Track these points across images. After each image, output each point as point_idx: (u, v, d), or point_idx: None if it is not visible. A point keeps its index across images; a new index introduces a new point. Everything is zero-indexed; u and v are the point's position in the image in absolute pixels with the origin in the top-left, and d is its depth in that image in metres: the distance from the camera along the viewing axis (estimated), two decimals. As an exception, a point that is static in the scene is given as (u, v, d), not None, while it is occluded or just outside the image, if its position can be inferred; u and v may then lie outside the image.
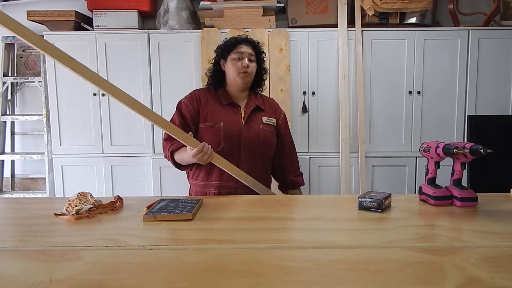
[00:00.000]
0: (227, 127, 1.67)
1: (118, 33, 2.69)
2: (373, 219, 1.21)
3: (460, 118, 2.72)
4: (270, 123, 1.77)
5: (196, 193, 1.72)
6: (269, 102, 1.84)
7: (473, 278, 0.80)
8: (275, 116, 1.81)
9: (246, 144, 1.68)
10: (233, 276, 0.83)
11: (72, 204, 1.26)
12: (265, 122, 1.74)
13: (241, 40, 1.72)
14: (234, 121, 1.69)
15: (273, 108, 1.83)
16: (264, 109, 1.77)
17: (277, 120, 1.81)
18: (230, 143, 1.66)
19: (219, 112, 1.69)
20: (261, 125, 1.73)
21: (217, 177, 1.67)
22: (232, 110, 1.71)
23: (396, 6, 2.58)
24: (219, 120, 1.67)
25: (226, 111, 1.70)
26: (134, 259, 0.93)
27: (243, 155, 1.68)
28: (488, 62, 2.68)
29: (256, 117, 1.73)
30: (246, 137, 1.68)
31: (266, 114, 1.77)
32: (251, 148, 1.69)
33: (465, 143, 1.31)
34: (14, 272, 0.86)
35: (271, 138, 1.77)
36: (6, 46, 2.99)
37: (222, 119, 1.67)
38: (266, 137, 1.74)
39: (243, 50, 1.69)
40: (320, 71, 2.70)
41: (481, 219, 1.21)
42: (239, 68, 1.67)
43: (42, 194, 3.03)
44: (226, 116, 1.69)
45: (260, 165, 1.73)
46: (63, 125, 2.75)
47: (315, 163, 2.74)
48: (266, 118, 1.76)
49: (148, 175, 2.76)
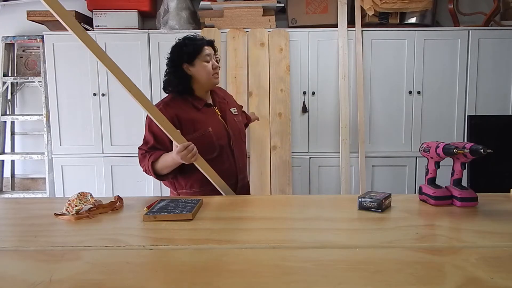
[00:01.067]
0: (216, 130, 1.65)
1: (118, 33, 2.69)
2: (373, 219, 1.21)
3: (460, 118, 2.72)
4: (236, 112, 1.80)
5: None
6: (222, 92, 1.86)
7: (473, 278, 0.80)
8: (235, 104, 1.85)
9: (233, 141, 1.69)
10: (233, 276, 0.83)
11: (72, 204, 1.26)
12: (234, 114, 1.78)
13: (204, 41, 1.70)
14: (217, 122, 1.68)
15: (228, 97, 1.86)
16: (227, 101, 1.80)
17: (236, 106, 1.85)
18: (222, 145, 1.66)
19: (201, 117, 1.65)
20: (234, 118, 1.76)
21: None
22: (210, 111, 1.69)
23: (396, 6, 2.58)
24: (206, 126, 1.63)
25: (206, 114, 1.67)
26: (134, 259, 0.93)
27: (236, 152, 1.70)
28: (488, 62, 2.68)
29: (227, 111, 1.75)
30: (231, 134, 1.69)
31: (230, 105, 1.80)
32: (237, 143, 1.71)
33: (465, 143, 1.30)
34: (14, 272, 0.86)
35: (243, 127, 1.83)
36: (6, 46, 2.99)
37: (208, 124, 1.63)
38: (241, 127, 1.79)
39: (208, 52, 1.68)
40: (320, 71, 2.70)
41: (481, 219, 1.20)
42: (211, 70, 1.66)
43: (42, 194, 3.03)
44: (210, 119, 1.66)
45: (245, 155, 1.79)
46: (63, 125, 2.75)
47: (315, 163, 2.74)
48: (232, 109, 1.79)
49: (148, 175, 2.75)
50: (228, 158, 1.66)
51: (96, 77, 2.70)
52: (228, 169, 1.67)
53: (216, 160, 1.62)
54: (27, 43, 3.01)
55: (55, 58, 2.70)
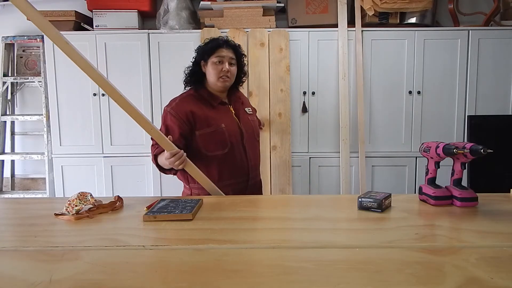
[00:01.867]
0: (228, 127, 1.69)
1: (118, 33, 2.69)
2: (373, 219, 1.21)
3: (460, 118, 2.72)
4: (251, 112, 1.85)
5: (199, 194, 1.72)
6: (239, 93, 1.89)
7: (473, 278, 0.80)
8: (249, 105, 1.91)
9: (246, 139, 1.73)
10: (233, 276, 0.83)
11: (72, 204, 1.26)
12: (249, 113, 1.82)
13: (222, 43, 1.71)
14: (231, 119, 1.72)
15: (245, 99, 1.91)
16: (242, 101, 1.85)
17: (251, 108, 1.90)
18: (234, 142, 1.69)
19: (215, 114, 1.70)
20: (249, 117, 1.80)
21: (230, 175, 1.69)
22: (224, 109, 1.74)
23: (396, 6, 2.58)
24: (219, 122, 1.67)
25: (220, 112, 1.72)
26: (134, 259, 0.93)
27: (248, 150, 1.73)
28: (488, 62, 2.68)
29: (242, 110, 1.79)
30: (244, 132, 1.73)
31: (245, 105, 1.84)
32: (250, 141, 1.75)
33: (465, 143, 1.30)
34: (14, 272, 0.86)
35: (257, 126, 1.88)
36: (6, 46, 2.99)
37: (222, 120, 1.68)
38: (255, 126, 1.83)
39: (224, 54, 1.69)
40: (320, 71, 2.70)
41: (481, 219, 1.20)
42: (219, 72, 1.68)
43: (42, 194, 3.03)
44: (223, 116, 1.71)
45: (259, 155, 1.83)
46: (63, 125, 2.75)
47: (315, 163, 2.74)
48: (247, 109, 1.83)
49: (148, 175, 2.76)
50: (240, 155, 1.70)
51: (96, 77, 2.70)
52: (240, 166, 1.70)
53: (227, 155, 1.67)
54: (27, 43, 3.01)
55: (55, 58, 2.70)
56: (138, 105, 1.91)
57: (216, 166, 1.67)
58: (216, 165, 1.67)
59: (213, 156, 1.67)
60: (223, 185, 1.65)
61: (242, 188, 1.71)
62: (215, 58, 1.69)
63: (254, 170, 1.77)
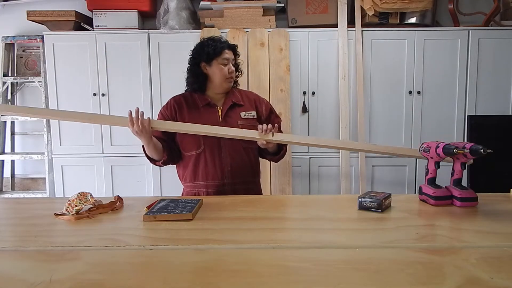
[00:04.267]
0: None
1: (118, 33, 2.69)
2: (373, 219, 1.21)
3: (460, 118, 2.72)
4: (250, 116, 1.80)
5: (187, 193, 1.77)
6: (247, 96, 1.87)
7: (473, 278, 0.80)
8: (255, 108, 1.84)
9: (226, 141, 1.71)
10: (233, 276, 0.83)
11: (72, 204, 1.26)
12: (243, 117, 1.78)
13: (227, 46, 1.76)
14: (211, 121, 1.71)
15: (252, 102, 1.85)
16: (243, 104, 1.81)
17: (258, 111, 1.84)
18: (210, 143, 1.70)
19: (197, 115, 1.73)
20: (239, 121, 1.76)
21: (204, 177, 1.71)
22: (209, 110, 1.75)
23: (396, 6, 2.58)
24: (196, 123, 1.69)
25: (203, 112, 1.74)
26: (134, 259, 0.93)
27: (224, 153, 1.71)
28: (488, 62, 2.68)
29: (234, 113, 1.77)
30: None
31: (245, 108, 1.80)
32: (232, 145, 1.72)
33: (465, 143, 1.31)
34: (14, 272, 0.86)
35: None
36: (6, 46, 2.98)
37: (200, 121, 1.70)
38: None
39: (228, 56, 1.74)
40: (320, 71, 2.70)
41: (481, 219, 1.21)
42: (226, 74, 1.73)
43: (42, 194, 3.03)
44: (204, 117, 1.72)
45: (244, 159, 1.76)
46: (63, 125, 2.75)
47: (315, 163, 2.74)
48: (244, 112, 1.79)
49: (148, 175, 2.76)
50: (212, 157, 1.70)
51: (96, 77, 2.70)
52: (211, 169, 1.70)
53: (200, 156, 1.71)
54: (27, 43, 3.00)
55: (55, 58, 2.70)
56: (138, 105, 1.93)
57: (191, 165, 1.73)
58: (191, 165, 1.73)
59: (189, 156, 1.73)
60: (197, 185, 1.72)
61: (218, 191, 1.69)
62: (222, 60, 1.72)
63: (233, 175, 1.72)
